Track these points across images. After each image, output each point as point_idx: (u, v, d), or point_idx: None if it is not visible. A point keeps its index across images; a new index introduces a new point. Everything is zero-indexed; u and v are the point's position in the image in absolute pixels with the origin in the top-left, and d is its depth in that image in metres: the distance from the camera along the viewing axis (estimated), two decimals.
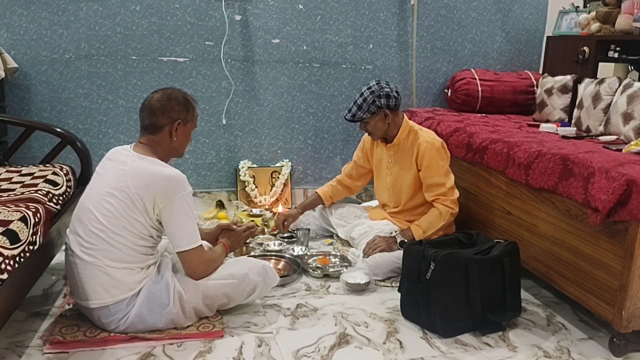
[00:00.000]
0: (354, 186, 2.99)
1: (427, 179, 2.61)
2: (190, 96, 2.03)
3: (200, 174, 3.51)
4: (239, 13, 3.35)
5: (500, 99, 3.59)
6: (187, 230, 1.89)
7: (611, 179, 1.90)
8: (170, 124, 1.94)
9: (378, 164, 2.83)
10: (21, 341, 1.90)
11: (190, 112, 1.99)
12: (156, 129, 1.94)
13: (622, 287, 1.90)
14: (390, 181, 2.76)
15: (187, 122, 1.99)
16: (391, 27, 3.64)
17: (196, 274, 1.97)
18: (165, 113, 1.93)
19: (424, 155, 2.58)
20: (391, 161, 2.74)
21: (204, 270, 1.98)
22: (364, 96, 2.57)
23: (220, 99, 3.44)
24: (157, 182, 1.83)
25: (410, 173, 2.66)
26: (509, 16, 3.87)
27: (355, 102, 2.60)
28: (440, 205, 2.59)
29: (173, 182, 1.85)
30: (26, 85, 3.14)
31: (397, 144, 2.69)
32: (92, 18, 3.15)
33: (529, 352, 2.00)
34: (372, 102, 2.56)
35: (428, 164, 2.58)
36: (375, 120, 2.61)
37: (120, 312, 1.89)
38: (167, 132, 1.95)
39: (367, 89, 2.59)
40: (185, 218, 1.87)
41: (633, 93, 2.54)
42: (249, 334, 2.01)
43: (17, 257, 1.60)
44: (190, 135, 2.05)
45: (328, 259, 2.65)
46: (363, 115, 2.58)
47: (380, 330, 2.10)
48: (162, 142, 1.96)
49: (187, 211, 1.88)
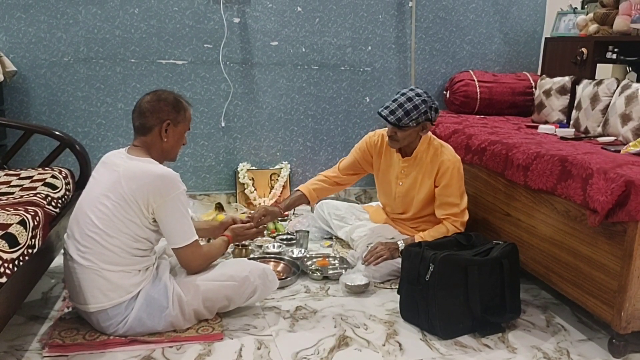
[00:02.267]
0: (345, 182, 2.80)
1: (442, 197, 2.54)
2: (182, 97, 2.03)
3: (199, 177, 3.51)
4: (237, 16, 3.36)
5: (499, 101, 3.60)
6: (182, 227, 1.90)
7: (610, 180, 1.90)
8: (159, 125, 1.94)
9: (386, 169, 2.70)
10: (20, 345, 1.90)
11: (180, 114, 1.98)
12: (146, 130, 1.95)
13: (621, 288, 1.90)
14: (401, 192, 2.65)
15: (178, 123, 1.98)
16: (390, 29, 3.64)
17: (192, 269, 2.00)
18: (154, 114, 1.93)
19: (444, 173, 2.49)
20: (404, 172, 2.61)
21: (200, 265, 2.01)
22: (415, 103, 2.38)
23: (219, 101, 3.45)
24: (149, 181, 1.83)
25: (425, 189, 2.57)
26: (507, 18, 3.88)
27: (402, 105, 2.38)
28: (449, 225, 2.52)
29: (166, 180, 1.85)
30: (25, 88, 3.14)
31: (415, 156, 2.57)
32: (90, 21, 3.15)
33: (529, 353, 2.00)
34: (424, 112, 2.40)
35: (447, 183, 2.50)
36: (412, 130, 2.44)
37: (119, 316, 1.89)
38: (157, 133, 1.94)
39: (416, 95, 2.40)
40: (179, 215, 1.88)
41: (631, 94, 2.54)
42: (248, 337, 2.01)
43: (16, 261, 1.60)
44: (184, 138, 2.04)
45: (327, 261, 2.65)
46: (409, 122, 2.39)
47: (379, 332, 2.10)
48: (154, 144, 1.96)
49: (181, 208, 1.88)
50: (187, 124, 2.04)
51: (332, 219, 2.96)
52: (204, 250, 2.01)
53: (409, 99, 2.39)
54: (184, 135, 2.04)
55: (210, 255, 2.05)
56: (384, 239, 2.61)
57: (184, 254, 1.94)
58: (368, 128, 3.73)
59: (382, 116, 2.42)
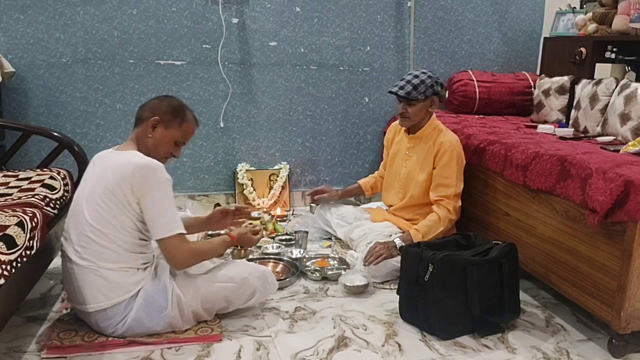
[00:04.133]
0: None
1: (438, 178, 2.61)
2: (188, 109, 2.03)
3: (198, 177, 3.51)
4: (236, 16, 3.36)
5: (498, 100, 3.59)
6: (165, 217, 1.84)
7: (609, 180, 1.90)
8: (149, 119, 1.94)
9: (394, 155, 2.85)
10: (19, 346, 1.89)
11: (177, 120, 1.97)
12: (138, 122, 1.97)
13: (620, 288, 1.90)
14: (404, 173, 2.76)
15: (170, 127, 1.96)
16: (388, 29, 3.64)
17: (176, 264, 1.90)
18: (152, 108, 1.96)
19: (444, 154, 2.59)
20: (409, 153, 2.75)
21: (184, 261, 1.90)
22: (421, 78, 2.57)
23: (218, 102, 3.44)
24: (131, 169, 1.82)
25: (425, 171, 2.66)
26: (506, 17, 3.88)
27: (410, 82, 2.57)
28: (441, 209, 2.58)
29: (148, 169, 1.83)
30: (23, 89, 3.14)
31: (420, 137, 2.70)
32: (89, 22, 3.14)
33: (528, 353, 2.00)
34: (431, 85, 2.58)
35: (445, 163, 2.59)
36: (422, 105, 2.61)
37: (118, 316, 1.89)
38: (145, 127, 1.95)
39: (422, 73, 2.60)
40: (161, 205, 1.83)
41: (630, 94, 2.54)
42: (247, 338, 2.01)
43: (14, 262, 1.60)
44: (174, 146, 2.00)
45: (326, 262, 2.65)
46: (418, 96, 2.56)
47: (379, 332, 2.09)
48: (141, 138, 1.96)
49: (164, 198, 1.83)
50: (182, 134, 2.00)
51: (333, 218, 2.96)
52: (192, 246, 1.91)
53: (416, 76, 2.59)
54: (173, 142, 2.00)
55: (199, 252, 1.95)
56: (382, 237, 2.62)
57: (167, 246, 1.85)
58: (367, 128, 3.73)
59: (393, 92, 2.61)
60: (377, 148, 3.75)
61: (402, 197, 2.77)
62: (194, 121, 2.05)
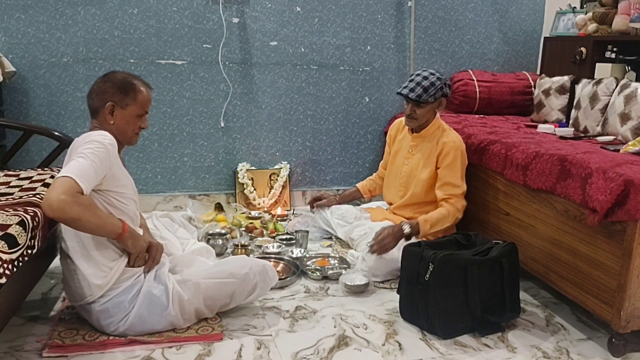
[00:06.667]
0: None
1: (444, 177, 2.62)
2: (137, 79, 1.95)
3: (198, 177, 3.51)
4: (236, 16, 3.36)
5: (498, 100, 3.60)
6: (75, 164, 1.71)
7: (609, 180, 1.90)
8: (104, 107, 1.90)
9: (396, 153, 2.86)
10: (20, 345, 1.90)
11: (129, 95, 1.91)
12: (93, 112, 1.93)
13: (620, 287, 1.90)
14: (406, 171, 2.76)
15: (126, 105, 1.91)
16: (389, 29, 3.64)
17: (49, 198, 1.64)
18: (99, 95, 1.90)
19: (447, 153, 2.60)
20: (411, 151, 2.75)
21: (60, 199, 1.63)
22: (431, 80, 2.57)
23: (219, 101, 3.44)
24: (80, 139, 1.81)
25: (428, 169, 2.66)
26: (506, 17, 3.88)
27: (420, 84, 2.56)
28: (449, 206, 2.59)
29: (91, 135, 1.81)
30: (24, 88, 3.14)
31: (424, 136, 2.71)
32: (89, 22, 3.15)
33: (528, 352, 2.00)
34: (440, 88, 2.58)
35: (450, 163, 2.60)
36: (430, 107, 2.62)
37: (121, 313, 1.89)
38: (104, 116, 1.91)
39: (430, 74, 2.59)
40: (81, 155, 1.73)
41: (630, 93, 2.54)
42: (248, 337, 2.01)
43: (15, 262, 1.60)
44: (139, 121, 1.95)
45: (327, 261, 2.65)
46: (428, 98, 2.56)
47: (379, 332, 2.10)
48: (104, 126, 1.91)
49: (88, 154, 1.72)
50: (140, 107, 1.94)
51: (333, 217, 2.96)
52: (79, 199, 1.68)
53: (425, 77, 2.58)
54: (137, 118, 1.95)
55: (85, 205, 1.69)
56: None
57: (55, 182, 1.68)
58: (367, 128, 3.73)
59: (403, 95, 2.59)
60: (378, 148, 3.76)
61: (403, 194, 2.78)
62: (146, 88, 1.98)
